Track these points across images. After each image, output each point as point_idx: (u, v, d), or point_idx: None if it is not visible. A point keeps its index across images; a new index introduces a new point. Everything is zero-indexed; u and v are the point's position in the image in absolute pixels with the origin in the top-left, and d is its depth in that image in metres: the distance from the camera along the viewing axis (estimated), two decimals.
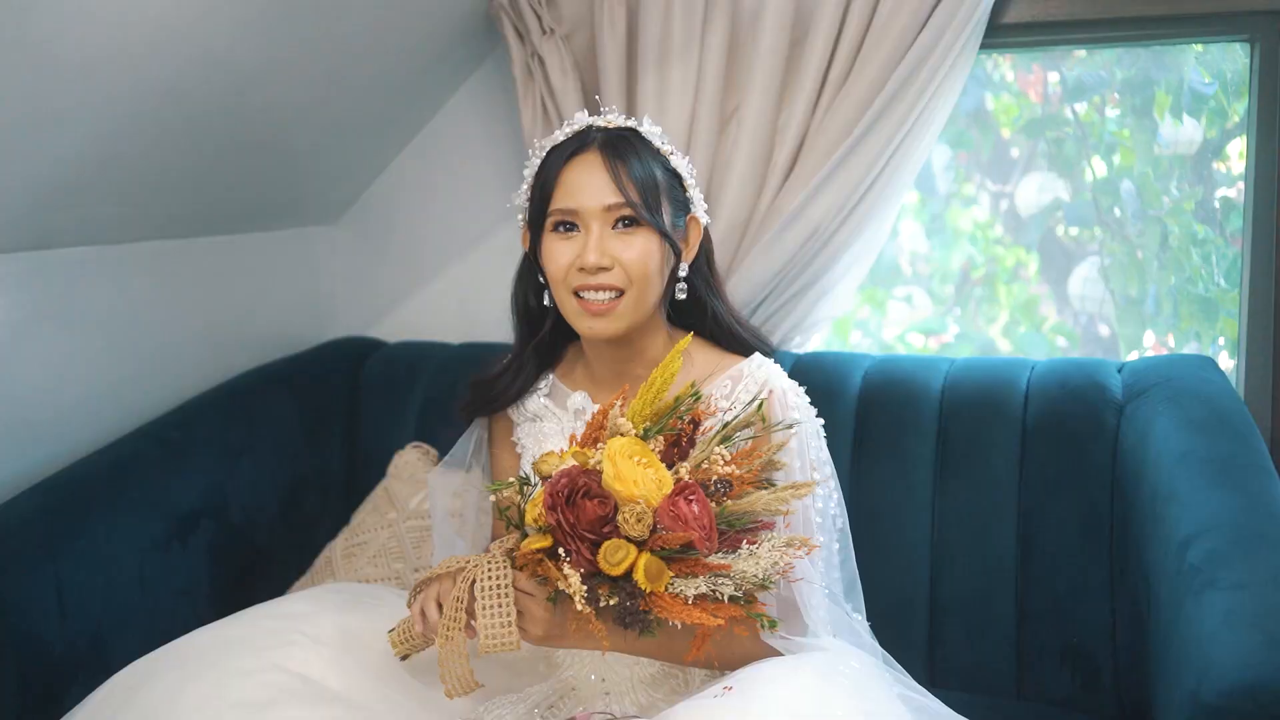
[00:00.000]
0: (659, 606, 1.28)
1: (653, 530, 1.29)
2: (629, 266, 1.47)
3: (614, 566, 1.27)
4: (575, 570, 1.28)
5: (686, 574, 1.29)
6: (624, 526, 1.28)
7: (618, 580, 1.28)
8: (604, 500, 1.30)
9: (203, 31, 1.63)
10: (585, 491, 1.30)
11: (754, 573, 1.28)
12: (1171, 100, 2.18)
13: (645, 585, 1.27)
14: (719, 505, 1.33)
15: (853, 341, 2.52)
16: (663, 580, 1.28)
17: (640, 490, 1.30)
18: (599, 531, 1.29)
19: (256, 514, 2.06)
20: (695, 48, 2.03)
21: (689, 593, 1.28)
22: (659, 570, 1.28)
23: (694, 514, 1.29)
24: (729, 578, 1.29)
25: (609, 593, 1.29)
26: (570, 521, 1.28)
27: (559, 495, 1.30)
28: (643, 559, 1.28)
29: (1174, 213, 2.23)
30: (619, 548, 1.28)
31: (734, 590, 1.28)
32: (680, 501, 1.29)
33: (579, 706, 1.50)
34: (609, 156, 1.49)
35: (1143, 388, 1.83)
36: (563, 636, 1.37)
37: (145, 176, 1.84)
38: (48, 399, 1.84)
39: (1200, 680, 1.24)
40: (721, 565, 1.30)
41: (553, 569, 1.30)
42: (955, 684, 1.85)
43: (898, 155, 1.99)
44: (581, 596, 1.27)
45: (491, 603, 1.32)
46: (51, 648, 1.64)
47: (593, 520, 1.29)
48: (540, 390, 1.67)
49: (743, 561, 1.30)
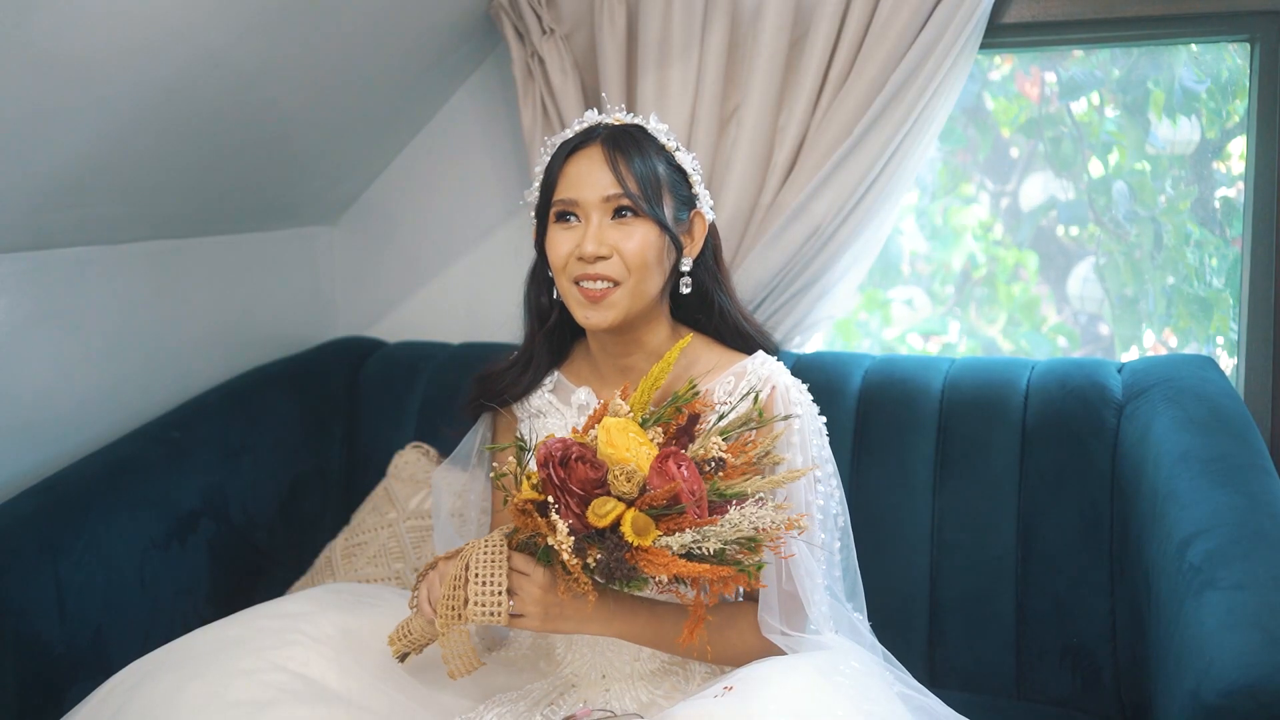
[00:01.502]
0: (646, 562, 1.29)
1: (641, 492, 1.31)
2: (627, 256, 1.49)
3: (601, 518, 1.29)
4: (563, 521, 1.30)
5: (674, 530, 1.31)
6: (614, 485, 1.30)
7: (604, 535, 1.30)
8: (596, 466, 1.33)
9: (203, 31, 1.63)
10: (579, 457, 1.33)
11: (742, 525, 1.29)
12: (1165, 99, 2.19)
13: (632, 538, 1.28)
14: (710, 481, 1.35)
15: (851, 342, 2.52)
16: (649, 535, 1.29)
17: (631, 456, 1.32)
18: (589, 490, 1.31)
19: (256, 514, 2.06)
20: (695, 48, 2.03)
21: (675, 545, 1.29)
22: (646, 525, 1.29)
23: (683, 475, 1.31)
24: (716, 531, 1.29)
25: (596, 549, 1.30)
26: (561, 477, 1.31)
27: (553, 455, 1.32)
28: (630, 513, 1.30)
29: (1169, 212, 2.23)
30: (606, 502, 1.30)
31: (720, 544, 1.29)
32: (670, 463, 1.32)
33: (579, 703, 1.50)
34: (610, 149, 1.51)
35: (1143, 388, 1.83)
36: (561, 618, 1.38)
37: (145, 176, 1.84)
38: (48, 399, 1.84)
39: (1200, 680, 1.24)
40: (709, 520, 1.31)
41: (542, 522, 1.32)
42: (955, 684, 1.85)
43: (898, 155, 1.99)
44: (569, 549, 1.29)
45: (483, 572, 1.34)
46: (51, 648, 1.64)
47: (583, 480, 1.31)
48: (545, 386, 1.68)
49: (732, 513, 1.31)
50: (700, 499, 1.31)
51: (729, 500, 1.34)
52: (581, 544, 1.30)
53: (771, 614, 1.43)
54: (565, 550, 1.29)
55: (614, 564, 1.29)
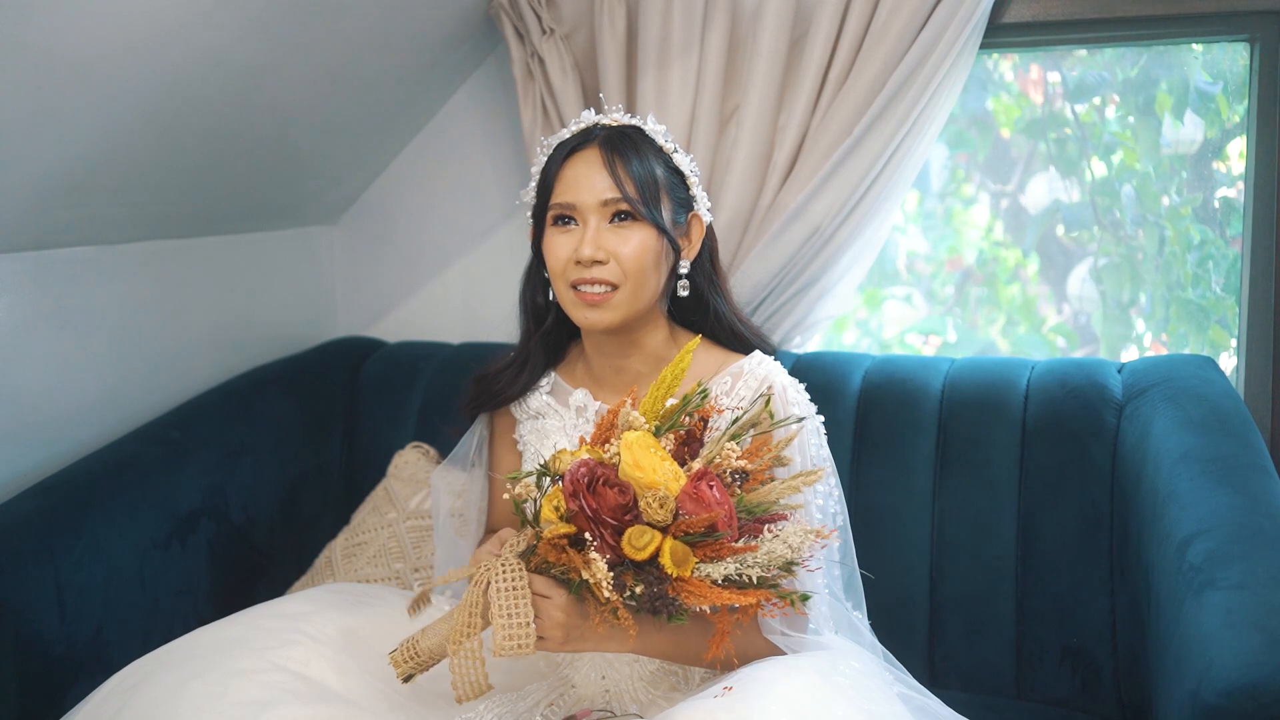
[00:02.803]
0: (686, 591, 1.26)
1: (675, 517, 1.28)
2: (624, 261, 1.49)
3: (639, 551, 1.25)
4: (601, 556, 1.27)
5: (711, 558, 1.28)
6: (647, 512, 1.27)
7: (643, 566, 1.27)
8: (623, 489, 1.29)
9: (203, 31, 1.63)
10: (604, 480, 1.29)
11: (781, 553, 1.28)
12: (1174, 101, 2.18)
13: (672, 570, 1.25)
14: (735, 496, 1.33)
15: (849, 342, 2.52)
16: (688, 565, 1.26)
17: (659, 478, 1.29)
18: (621, 519, 1.28)
19: (256, 514, 2.06)
20: (695, 48, 2.03)
21: (716, 575, 1.27)
22: (684, 555, 1.26)
23: (715, 498, 1.28)
24: (756, 559, 1.28)
25: (634, 580, 1.27)
26: (593, 507, 1.27)
27: (580, 482, 1.29)
28: (668, 543, 1.27)
29: (1171, 214, 2.23)
30: (643, 532, 1.26)
31: (762, 572, 1.28)
32: (701, 486, 1.29)
33: (578, 704, 1.50)
34: (607, 152, 1.50)
35: (1143, 387, 1.83)
36: (581, 639, 1.36)
37: (145, 176, 1.84)
38: (48, 399, 1.84)
39: (1200, 680, 1.24)
40: (748, 547, 1.29)
41: (576, 557, 1.29)
42: (955, 684, 1.85)
43: (898, 155, 1.99)
44: (609, 582, 1.25)
45: (508, 603, 1.29)
46: (51, 648, 1.64)
47: (614, 507, 1.27)
48: (543, 388, 1.68)
49: (769, 542, 1.29)
50: (731, 519, 1.29)
51: (757, 517, 1.33)
52: (620, 577, 1.27)
53: (771, 615, 1.43)
54: (606, 587, 1.25)
55: (657, 598, 1.26)
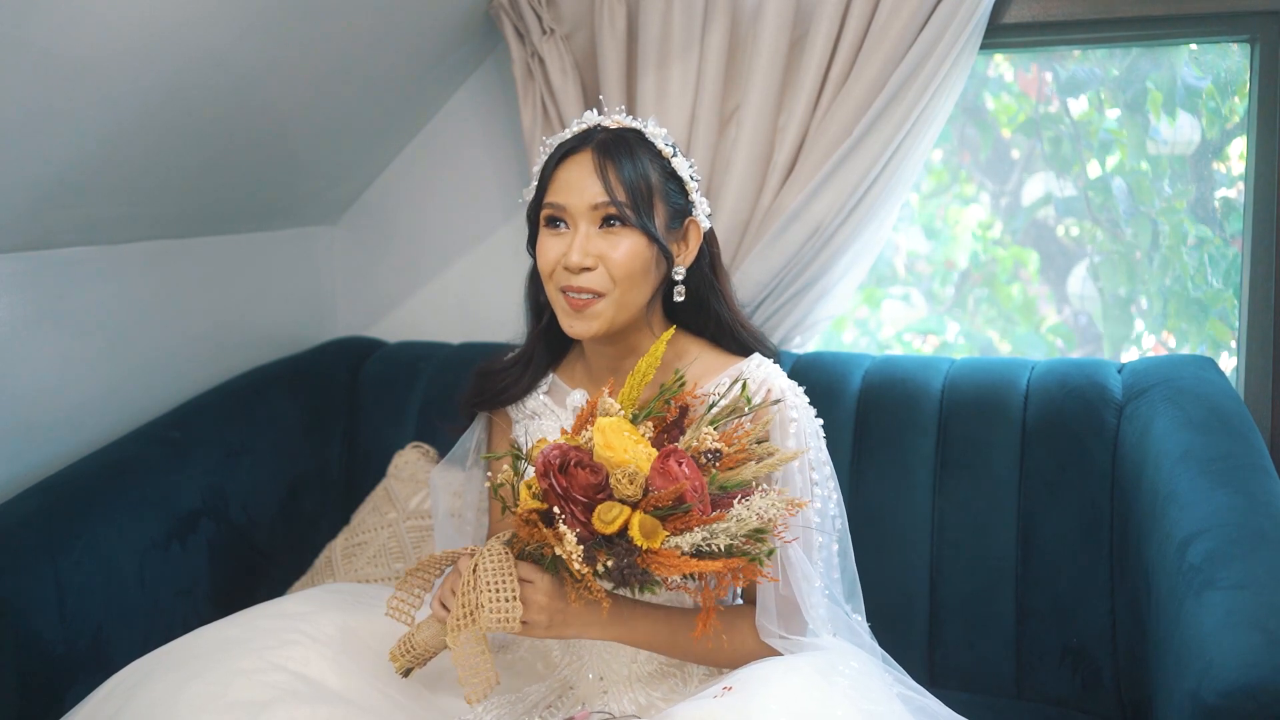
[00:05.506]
0: (655, 563, 1.28)
1: (645, 493, 1.30)
2: (613, 267, 1.47)
3: (608, 525, 1.28)
4: (570, 530, 1.29)
5: (681, 530, 1.30)
6: (617, 489, 1.30)
7: (613, 540, 1.29)
8: (595, 470, 1.32)
9: (203, 31, 1.63)
10: (577, 462, 1.32)
11: (747, 518, 1.29)
12: (1164, 98, 2.18)
13: (641, 541, 1.27)
14: (709, 474, 1.34)
15: (848, 341, 2.52)
16: (658, 537, 1.29)
17: (630, 457, 1.31)
18: (592, 497, 1.31)
19: (256, 514, 2.06)
20: (695, 48, 2.03)
21: (685, 545, 1.28)
22: (653, 527, 1.29)
23: (684, 473, 1.30)
24: (724, 527, 1.29)
25: (605, 556, 1.29)
26: (563, 485, 1.30)
27: (551, 463, 1.32)
28: (637, 516, 1.29)
29: (1167, 212, 2.23)
30: (611, 507, 1.29)
31: (729, 540, 1.29)
32: (669, 462, 1.31)
33: (577, 706, 1.50)
34: (600, 156, 1.49)
35: (1142, 388, 1.83)
36: (565, 624, 1.37)
37: (145, 176, 1.84)
38: (48, 399, 1.83)
39: (1200, 680, 1.24)
40: (716, 517, 1.31)
41: (548, 533, 1.31)
42: (955, 684, 1.85)
43: (898, 155, 1.99)
44: (578, 557, 1.28)
45: (495, 580, 1.33)
46: (51, 648, 1.64)
47: (585, 486, 1.30)
48: (541, 388, 1.68)
49: (737, 508, 1.31)
50: (703, 494, 1.31)
51: (730, 492, 1.34)
52: (591, 551, 1.29)
53: (769, 619, 1.43)
54: (575, 559, 1.28)
55: (626, 569, 1.28)
